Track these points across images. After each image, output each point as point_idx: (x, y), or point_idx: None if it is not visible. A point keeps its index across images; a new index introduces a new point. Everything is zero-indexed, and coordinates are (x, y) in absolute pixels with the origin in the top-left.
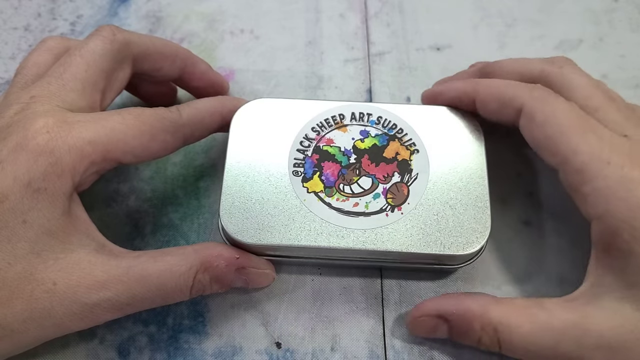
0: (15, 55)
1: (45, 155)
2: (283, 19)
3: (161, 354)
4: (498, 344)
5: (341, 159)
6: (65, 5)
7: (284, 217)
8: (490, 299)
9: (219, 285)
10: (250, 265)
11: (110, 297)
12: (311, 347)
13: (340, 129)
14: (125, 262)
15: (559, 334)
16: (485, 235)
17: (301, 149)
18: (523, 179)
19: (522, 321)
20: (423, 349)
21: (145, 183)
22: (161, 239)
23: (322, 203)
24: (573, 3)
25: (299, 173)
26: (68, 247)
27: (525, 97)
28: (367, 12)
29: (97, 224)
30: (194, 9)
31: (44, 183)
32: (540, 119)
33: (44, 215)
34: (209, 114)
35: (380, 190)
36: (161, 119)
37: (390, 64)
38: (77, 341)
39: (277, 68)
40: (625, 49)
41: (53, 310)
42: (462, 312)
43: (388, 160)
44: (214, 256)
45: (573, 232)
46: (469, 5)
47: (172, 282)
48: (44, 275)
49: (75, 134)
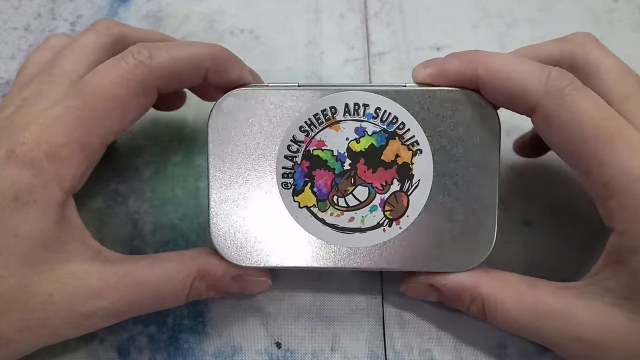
0: (15, 55)
1: (27, 167)
2: (283, 19)
3: (161, 354)
4: (484, 315)
5: (334, 165)
6: (65, 5)
7: (276, 236)
8: (481, 272)
9: (215, 292)
10: (246, 273)
11: (107, 305)
12: (311, 347)
13: (332, 126)
14: (121, 269)
15: (543, 318)
16: (489, 248)
17: (289, 155)
18: (523, 178)
19: (510, 299)
20: (423, 349)
21: (145, 183)
22: (161, 239)
23: (315, 219)
24: (573, 3)
25: (288, 185)
26: (63, 256)
27: (538, 93)
28: (367, 12)
29: (97, 224)
30: (194, 9)
31: (31, 196)
32: (558, 123)
33: (36, 227)
34: (190, 66)
35: (377, 202)
36: (125, 81)
37: (390, 64)
38: (77, 342)
39: (277, 68)
40: (626, 49)
41: (49, 320)
42: (452, 284)
43: (387, 164)
44: (211, 264)
45: (573, 232)
46: (469, 5)
47: (169, 288)
48: (39, 287)
49: (47, 139)
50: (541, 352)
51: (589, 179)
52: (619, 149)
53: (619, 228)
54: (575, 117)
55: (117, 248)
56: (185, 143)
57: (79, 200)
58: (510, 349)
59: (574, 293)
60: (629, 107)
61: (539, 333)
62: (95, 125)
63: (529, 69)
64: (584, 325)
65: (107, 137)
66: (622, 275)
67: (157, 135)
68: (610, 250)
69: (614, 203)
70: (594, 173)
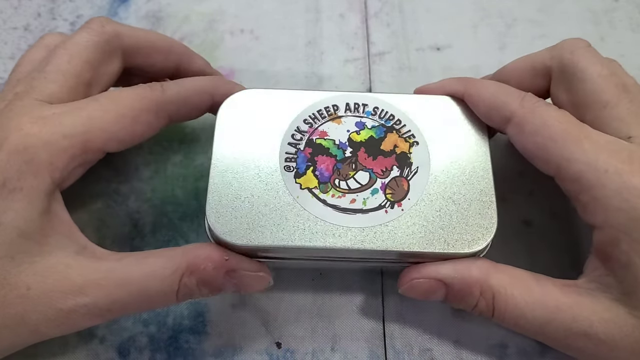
0: (15, 55)
1: (19, 153)
2: (283, 19)
3: (161, 354)
4: (492, 310)
5: (336, 152)
6: (65, 5)
7: (275, 215)
8: (490, 265)
9: (207, 289)
10: (241, 267)
11: (88, 302)
12: (311, 347)
13: (335, 120)
14: (105, 265)
15: (551, 312)
16: (492, 231)
17: (293, 142)
18: (524, 178)
19: (520, 293)
20: (423, 349)
21: (145, 183)
22: (161, 239)
23: (316, 200)
24: (573, 3)
25: (291, 168)
26: (45, 249)
27: (514, 105)
28: (367, 12)
29: (97, 224)
30: (194, 9)
31: (19, 182)
32: (531, 129)
33: (20, 216)
34: (197, 92)
35: (378, 186)
36: (141, 98)
37: (390, 64)
38: (76, 341)
39: (277, 68)
40: (625, 49)
41: (27, 315)
42: (463, 276)
43: (386, 153)
44: (201, 258)
45: (573, 232)
46: (469, 5)
47: (155, 286)
48: (18, 280)
49: (49, 129)
50: (541, 352)
51: (560, 177)
52: (586, 148)
53: (596, 222)
54: (545, 122)
55: (117, 248)
56: (185, 143)
57: (79, 200)
58: (511, 348)
59: (578, 290)
60: (605, 114)
61: (545, 329)
62: (103, 126)
63: (509, 90)
64: (592, 320)
65: (109, 142)
66: (615, 270)
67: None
68: (597, 247)
69: (586, 197)
70: (564, 170)
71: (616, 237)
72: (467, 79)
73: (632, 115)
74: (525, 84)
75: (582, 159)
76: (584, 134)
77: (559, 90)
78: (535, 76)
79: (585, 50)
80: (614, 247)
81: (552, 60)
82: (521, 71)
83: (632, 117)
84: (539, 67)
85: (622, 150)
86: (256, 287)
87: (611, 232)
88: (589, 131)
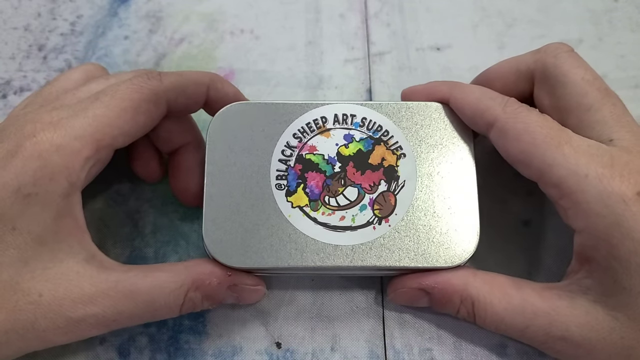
0: (15, 55)
1: (33, 159)
2: (283, 19)
3: (161, 354)
4: (474, 317)
5: (325, 167)
6: (65, 5)
7: (269, 236)
8: (469, 274)
9: (210, 302)
10: (242, 282)
11: (97, 312)
12: (311, 347)
13: (323, 133)
14: (114, 276)
15: (529, 319)
16: (474, 242)
17: (283, 159)
18: (523, 178)
19: (498, 301)
20: (423, 349)
21: (146, 183)
22: (161, 239)
23: (307, 218)
24: (573, 3)
25: (282, 186)
26: (57, 255)
27: (497, 110)
28: (367, 12)
29: (97, 224)
30: (194, 9)
31: (35, 188)
32: (513, 134)
33: (35, 221)
34: (194, 82)
35: (366, 202)
36: (140, 88)
37: (390, 64)
38: (77, 342)
39: (277, 68)
40: (625, 49)
41: (37, 322)
42: (443, 285)
43: (374, 167)
44: (206, 274)
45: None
46: (469, 5)
47: (162, 299)
48: (30, 285)
49: (60, 133)
50: (541, 352)
51: (542, 182)
52: (566, 153)
53: (577, 226)
54: (527, 128)
55: (117, 248)
56: None
57: None
58: (510, 348)
59: (558, 293)
60: (588, 117)
61: (525, 333)
62: (108, 123)
63: (492, 95)
64: (568, 324)
65: (118, 137)
66: (595, 273)
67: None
68: (578, 251)
69: (567, 202)
70: (546, 176)
71: (596, 242)
72: (453, 83)
73: (615, 118)
74: (510, 87)
75: (563, 164)
76: (565, 139)
77: (542, 93)
78: (520, 79)
79: (569, 55)
80: (594, 251)
81: (536, 64)
82: (506, 74)
83: (614, 120)
84: (523, 71)
85: (603, 154)
86: (254, 299)
87: (591, 236)
88: (570, 136)
